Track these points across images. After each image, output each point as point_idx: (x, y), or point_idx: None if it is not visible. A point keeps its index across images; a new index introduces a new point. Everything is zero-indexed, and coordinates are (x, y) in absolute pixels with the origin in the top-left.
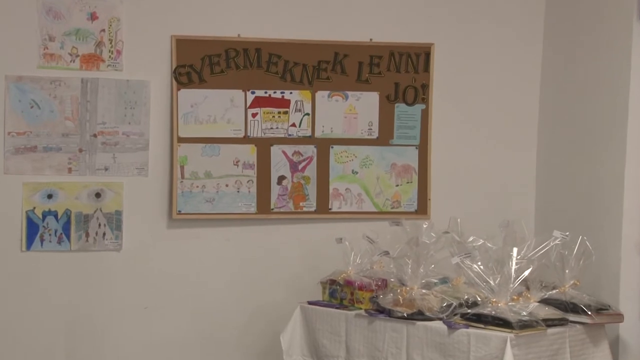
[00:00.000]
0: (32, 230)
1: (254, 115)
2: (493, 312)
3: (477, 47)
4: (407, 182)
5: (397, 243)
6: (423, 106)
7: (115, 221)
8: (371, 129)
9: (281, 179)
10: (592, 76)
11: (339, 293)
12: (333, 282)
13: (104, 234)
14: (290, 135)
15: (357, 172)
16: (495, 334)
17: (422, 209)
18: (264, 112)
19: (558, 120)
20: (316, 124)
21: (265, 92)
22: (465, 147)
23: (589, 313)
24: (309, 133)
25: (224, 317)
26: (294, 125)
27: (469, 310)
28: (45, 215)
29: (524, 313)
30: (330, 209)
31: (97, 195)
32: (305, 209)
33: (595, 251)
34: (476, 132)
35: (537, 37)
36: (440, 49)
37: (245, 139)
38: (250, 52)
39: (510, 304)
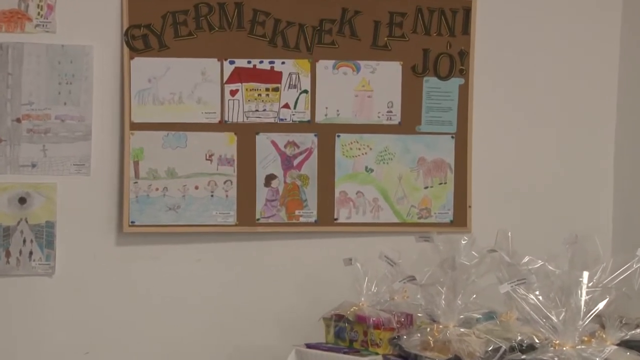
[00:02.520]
0: None
1: (233, 93)
2: (556, 359)
3: (537, 1)
4: (440, 184)
5: (427, 265)
6: (461, 81)
7: (45, 236)
8: (391, 112)
9: (270, 179)
10: None
11: (347, 333)
12: (340, 317)
13: (31, 252)
14: (282, 120)
15: (372, 170)
16: None
17: (460, 219)
18: (246, 89)
19: None
20: (317, 105)
21: (249, 62)
22: (518, 138)
23: None
24: (307, 117)
25: None
26: (287, 106)
27: (523, 357)
28: None
29: None
30: (335, 219)
31: (22, 200)
32: (302, 220)
33: None
34: (534, 118)
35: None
36: (485, 3)
37: (222, 125)
38: (228, 7)
39: (579, 347)
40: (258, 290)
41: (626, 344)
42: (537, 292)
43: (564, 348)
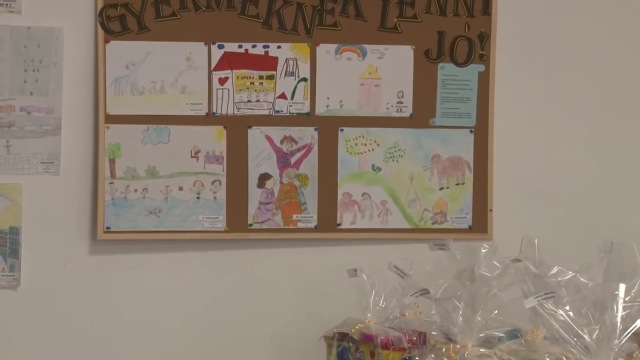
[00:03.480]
0: None
1: (222, 81)
2: None
3: None
4: (457, 184)
5: (442, 277)
6: (481, 67)
7: (9, 244)
8: (401, 103)
9: (264, 178)
10: None
11: (352, 353)
12: (343, 336)
13: None
14: (278, 112)
15: (380, 169)
16: None
17: (480, 224)
18: (237, 77)
19: None
20: (318, 95)
21: (240, 47)
22: (546, 132)
23: None
24: (306, 109)
25: None
26: (283, 96)
27: None
28: None
29: None
30: (339, 224)
31: None
32: (301, 225)
33: None
34: (565, 110)
35: None
36: None
37: (209, 118)
38: None
39: None
40: (250, 305)
41: None
42: (568, 308)
43: None
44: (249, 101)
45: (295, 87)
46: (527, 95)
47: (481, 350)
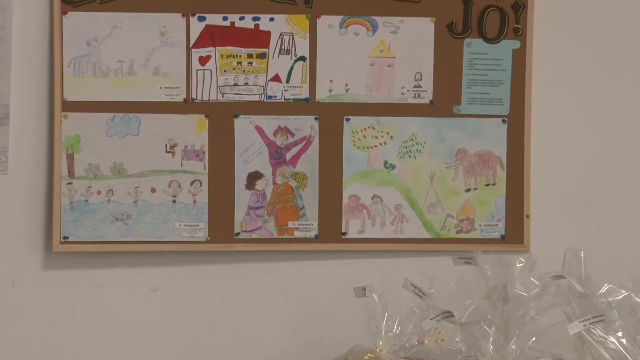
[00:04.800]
0: None
1: (203, 61)
2: None
3: None
4: (488, 185)
5: (469, 297)
6: (516, 44)
7: None
8: (420, 87)
9: (254, 178)
10: None
11: None
12: None
13: None
14: (271, 98)
15: (394, 167)
16: None
17: (515, 233)
18: (222, 56)
19: None
20: (319, 78)
21: (225, 19)
22: (595, 123)
23: None
24: (305, 94)
25: None
26: (277, 79)
27: None
28: None
29: None
30: (344, 234)
31: None
32: (298, 235)
33: None
34: (617, 97)
35: None
36: None
37: (188, 105)
38: None
39: None
40: (237, 332)
41: None
42: (620, 334)
43: None
44: (235, 85)
45: (292, 68)
46: (572, 78)
47: None
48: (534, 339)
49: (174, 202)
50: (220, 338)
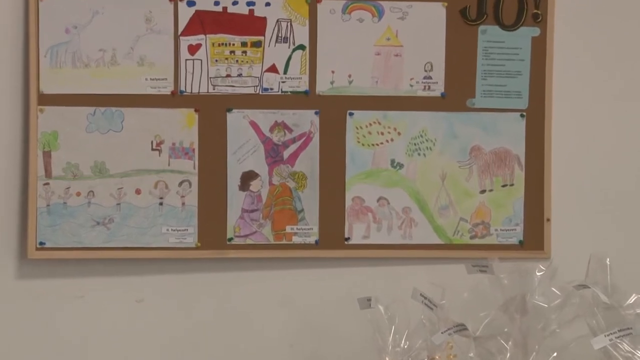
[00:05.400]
0: None
1: (192, 49)
2: None
3: None
4: (505, 186)
5: (484, 308)
6: (536, 31)
7: None
8: (430, 78)
9: (249, 178)
10: None
11: None
12: None
13: None
14: (266, 90)
15: (401, 165)
16: None
17: (534, 238)
18: (213, 44)
19: None
20: (319, 68)
21: (216, 3)
22: (621, 118)
23: None
24: (304, 86)
25: None
26: (273, 69)
27: None
28: None
29: None
30: (347, 239)
31: None
32: (297, 240)
33: None
34: None
35: None
36: None
37: (177, 99)
38: None
39: None
40: (230, 346)
41: None
42: None
43: None
44: (228, 76)
45: (290, 58)
46: (596, 68)
47: None
48: (555, 354)
49: (161, 204)
50: (211, 353)
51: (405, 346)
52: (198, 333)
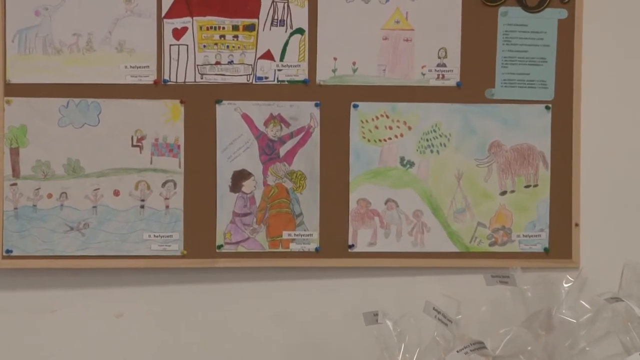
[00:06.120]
0: None
1: (178, 33)
2: None
3: None
4: (528, 186)
5: (504, 324)
6: (562, 13)
7: None
8: (444, 66)
9: (241, 178)
10: None
11: None
12: None
13: None
14: (260, 79)
15: (412, 164)
16: None
17: (561, 246)
18: (201, 28)
19: None
20: (320, 55)
21: None
22: None
23: None
24: (302, 75)
25: None
26: (268, 56)
27: None
28: None
29: None
30: (351, 246)
31: None
32: (294, 248)
33: None
34: None
35: None
36: None
37: (160, 89)
38: None
39: None
40: None
41: None
42: None
43: None
44: (217, 64)
45: (287, 43)
46: (630, 55)
47: None
48: None
49: (142, 207)
50: None
51: None
52: (184, 352)
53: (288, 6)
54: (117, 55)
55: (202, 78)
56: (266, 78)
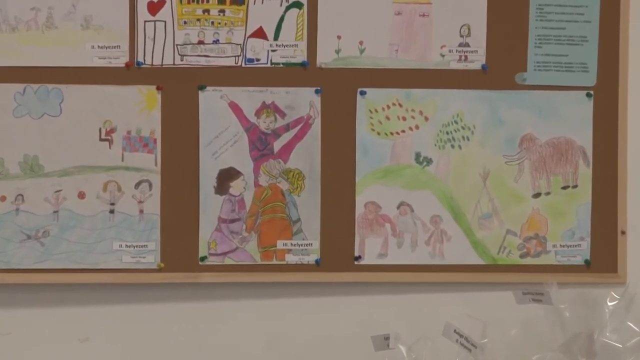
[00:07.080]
0: None
1: (153, 8)
2: None
3: None
4: (566, 187)
5: (538, 349)
6: None
7: None
8: (467, 46)
9: (228, 178)
10: None
11: None
12: None
13: None
14: (251, 61)
15: (429, 161)
16: None
17: (605, 258)
18: (181, 1)
19: None
20: (320, 33)
21: None
22: None
23: None
24: (301, 56)
25: None
26: (260, 34)
27: None
28: None
29: None
30: (357, 258)
31: None
32: (291, 260)
33: None
34: None
35: None
36: None
37: (133, 72)
38: None
39: None
40: None
41: None
42: None
43: None
44: (200, 43)
45: (282, 19)
46: None
47: None
48: None
49: (112, 212)
50: None
51: None
52: None
53: None
54: (83, 33)
55: (182, 60)
56: (257, 60)
